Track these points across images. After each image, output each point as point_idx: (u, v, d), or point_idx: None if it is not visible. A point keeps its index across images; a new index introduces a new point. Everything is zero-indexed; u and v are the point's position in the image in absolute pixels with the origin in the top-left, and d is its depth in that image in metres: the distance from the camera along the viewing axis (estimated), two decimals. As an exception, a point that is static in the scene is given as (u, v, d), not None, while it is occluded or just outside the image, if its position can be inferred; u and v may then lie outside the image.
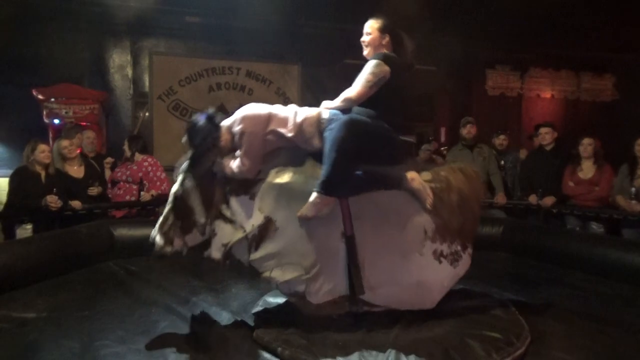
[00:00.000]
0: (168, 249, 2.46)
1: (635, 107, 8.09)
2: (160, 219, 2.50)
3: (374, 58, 2.50)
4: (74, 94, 6.12)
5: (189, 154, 2.55)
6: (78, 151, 4.69)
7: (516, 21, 6.46)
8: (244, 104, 2.67)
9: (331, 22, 6.71)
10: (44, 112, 6.01)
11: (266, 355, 2.25)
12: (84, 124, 5.87)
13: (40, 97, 5.99)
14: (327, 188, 2.31)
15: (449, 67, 7.58)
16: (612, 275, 3.60)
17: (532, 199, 4.86)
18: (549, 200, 4.75)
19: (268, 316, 2.67)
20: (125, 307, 2.93)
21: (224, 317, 2.73)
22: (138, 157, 4.87)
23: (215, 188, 2.50)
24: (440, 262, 2.57)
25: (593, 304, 3.11)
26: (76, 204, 4.23)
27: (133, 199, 4.77)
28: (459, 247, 2.63)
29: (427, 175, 2.62)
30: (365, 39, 2.68)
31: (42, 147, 4.14)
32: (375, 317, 2.54)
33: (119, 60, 6.76)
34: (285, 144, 2.53)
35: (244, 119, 2.49)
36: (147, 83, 6.83)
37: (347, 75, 2.65)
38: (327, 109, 2.54)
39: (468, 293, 3.05)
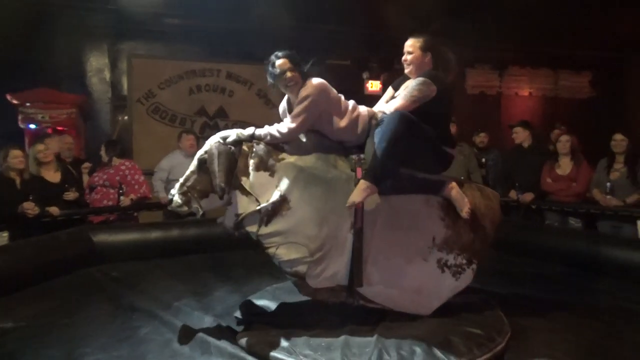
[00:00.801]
0: (184, 208, 2.49)
1: (610, 103, 8.28)
2: (181, 179, 2.52)
3: (423, 76, 2.55)
4: (50, 99, 6.01)
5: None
6: (55, 154, 4.61)
7: (495, 20, 6.54)
8: (225, 106, 2.69)
9: (313, 23, 6.72)
10: (19, 117, 5.90)
11: (249, 358, 2.24)
12: (61, 128, 5.78)
13: (15, 101, 5.88)
14: (375, 177, 2.35)
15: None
16: (591, 268, 3.67)
17: (512, 194, 4.94)
18: (528, 197, 4.84)
19: (251, 319, 2.66)
20: (106, 314, 2.90)
21: (207, 321, 2.71)
22: (116, 161, 4.82)
23: (240, 158, 2.51)
24: (442, 271, 2.59)
25: (572, 297, 3.17)
26: (54, 210, 4.16)
27: (111, 203, 4.71)
28: (464, 261, 2.64)
29: None
30: (407, 57, 2.69)
31: (15, 152, 4.06)
32: (359, 318, 2.55)
33: (96, 64, 6.66)
34: (323, 129, 2.58)
35: (316, 86, 2.50)
36: (125, 86, 6.75)
37: (330, 77, 2.65)
38: (379, 111, 2.62)
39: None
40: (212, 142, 2.52)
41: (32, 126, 5.92)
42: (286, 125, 2.53)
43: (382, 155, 2.33)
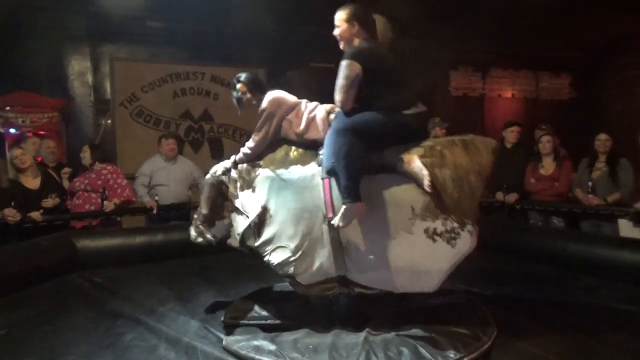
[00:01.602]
0: (199, 240, 2.79)
1: (590, 104, 8.43)
2: (196, 214, 2.86)
3: (344, 58, 2.51)
4: (30, 102, 5.91)
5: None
6: (38, 160, 4.52)
7: (477, 24, 6.62)
8: (210, 109, 2.75)
9: (297, 26, 6.72)
10: (-1, 122, 5.79)
11: (236, 362, 2.23)
12: (42, 132, 5.68)
13: (-6, 105, 5.77)
14: (351, 195, 2.34)
15: (414, 69, 7.70)
16: (574, 267, 3.73)
17: (499, 195, 4.99)
18: (512, 197, 4.89)
19: (238, 323, 2.64)
20: (89, 321, 2.85)
21: (193, 326, 2.69)
22: (97, 165, 4.75)
23: (230, 184, 2.79)
24: (434, 240, 2.40)
25: (556, 296, 3.22)
26: (36, 215, 4.09)
27: (93, 208, 4.64)
28: (455, 224, 2.42)
29: (419, 150, 2.50)
30: (335, 32, 2.67)
31: None
32: (346, 319, 2.55)
33: (78, 67, 6.57)
34: (289, 136, 2.72)
35: (269, 100, 2.72)
36: (108, 90, 6.67)
37: (314, 79, 2.66)
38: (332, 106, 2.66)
39: (436, 290, 3.09)
40: (205, 177, 2.89)
41: (12, 130, 5.81)
42: (252, 140, 2.76)
43: (346, 175, 2.35)
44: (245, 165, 2.76)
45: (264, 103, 2.71)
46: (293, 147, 2.70)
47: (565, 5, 5.95)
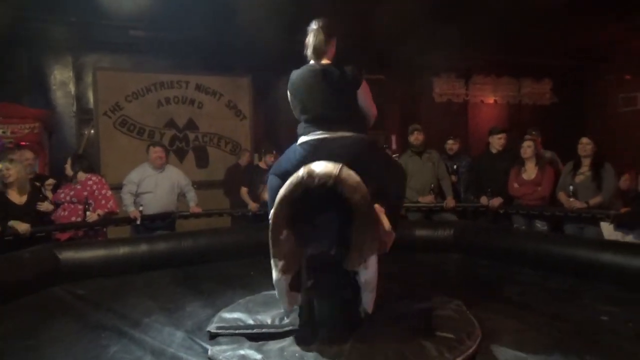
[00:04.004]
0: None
1: (570, 109, 8.59)
2: None
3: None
4: (11, 113, 5.83)
5: None
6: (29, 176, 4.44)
7: (459, 31, 6.71)
8: (194, 118, 2.73)
9: (281, 34, 6.73)
10: (-21, 133, 5.70)
11: (222, 372, 2.21)
12: (24, 143, 5.60)
13: (-25, 117, 5.68)
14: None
15: (398, 75, 7.79)
16: (557, 270, 3.78)
17: (483, 200, 5.05)
18: (496, 202, 4.95)
19: (224, 333, 2.62)
20: (73, 333, 2.80)
21: (178, 337, 2.66)
22: (82, 176, 4.70)
23: None
24: None
25: (541, 299, 3.25)
26: (23, 227, 4.00)
27: (79, 219, 4.58)
28: None
29: None
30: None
31: None
32: (332, 327, 2.54)
33: (60, 77, 6.51)
34: None
35: None
36: (91, 99, 6.62)
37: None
38: None
39: (422, 295, 3.11)
40: None
41: (-7, 142, 5.72)
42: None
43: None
44: None
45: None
46: None
47: (546, 12, 6.07)
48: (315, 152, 2.44)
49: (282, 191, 2.28)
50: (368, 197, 2.24)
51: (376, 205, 2.43)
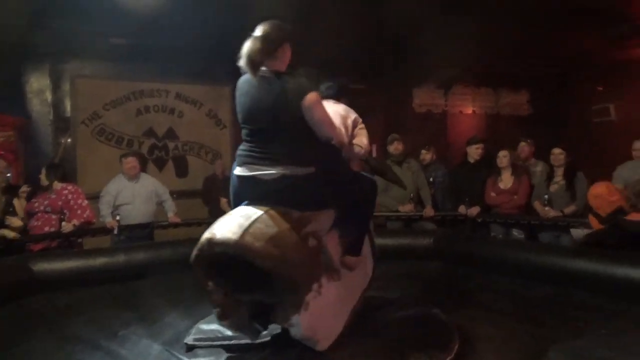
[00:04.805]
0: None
1: (548, 119, 8.78)
2: None
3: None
4: (-14, 121, 5.73)
5: None
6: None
7: (438, 42, 6.83)
8: (175, 127, 2.66)
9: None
10: (-47, 141, 5.57)
11: (199, 384, 2.18)
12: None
13: (-53, 125, 5.56)
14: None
15: (379, 86, 7.87)
16: (534, 277, 3.83)
17: (462, 209, 5.11)
18: (474, 210, 5.02)
19: (201, 344, 2.59)
20: (47, 346, 2.74)
21: (155, 349, 2.62)
22: (57, 185, 4.61)
23: None
24: None
25: (518, 306, 3.29)
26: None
27: (53, 229, 4.49)
28: None
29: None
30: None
31: None
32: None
33: (37, 84, 6.40)
34: None
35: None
36: (68, 108, 6.52)
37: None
38: None
39: (401, 303, 3.13)
40: None
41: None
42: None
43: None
44: None
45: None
46: None
47: (522, 25, 6.22)
48: (247, 189, 2.32)
49: (193, 252, 2.20)
50: (283, 258, 2.07)
51: (324, 238, 2.38)
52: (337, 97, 2.94)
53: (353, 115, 2.86)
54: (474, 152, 5.33)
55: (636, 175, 4.20)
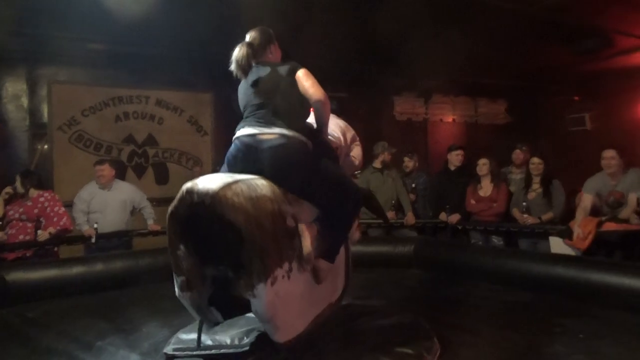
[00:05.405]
0: None
1: (524, 128, 8.95)
2: None
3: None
4: (-41, 127, 5.58)
5: None
6: None
7: (419, 52, 6.93)
8: (154, 134, 2.64)
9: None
10: None
11: (178, 395, 2.14)
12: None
13: None
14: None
15: (360, 94, 7.92)
16: (513, 283, 3.89)
17: (442, 216, 5.16)
18: (454, 218, 5.07)
19: (180, 354, 2.55)
20: (21, 359, 2.66)
21: (133, 360, 2.57)
22: (33, 192, 4.51)
23: None
24: None
25: (497, 312, 3.33)
26: None
27: (28, 238, 4.38)
28: None
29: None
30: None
31: None
32: (291, 346, 2.52)
33: (12, 90, 6.25)
34: None
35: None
36: (45, 113, 6.39)
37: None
38: None
39: (383, 311, 3.13)
40: None
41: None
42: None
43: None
44: None
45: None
46: None
47: (498, 39, 6.35)
48: (244, 151, 2.35)
49: (170, 206, 2.17)
50: (258, 220, 2.04)
51: (302, 225, 2.34)
52: (338, 114, 3.09)
53: (352, 131, 3.10)
54: (455, 159, 5.39)
55: (605, 187, 4.29)
